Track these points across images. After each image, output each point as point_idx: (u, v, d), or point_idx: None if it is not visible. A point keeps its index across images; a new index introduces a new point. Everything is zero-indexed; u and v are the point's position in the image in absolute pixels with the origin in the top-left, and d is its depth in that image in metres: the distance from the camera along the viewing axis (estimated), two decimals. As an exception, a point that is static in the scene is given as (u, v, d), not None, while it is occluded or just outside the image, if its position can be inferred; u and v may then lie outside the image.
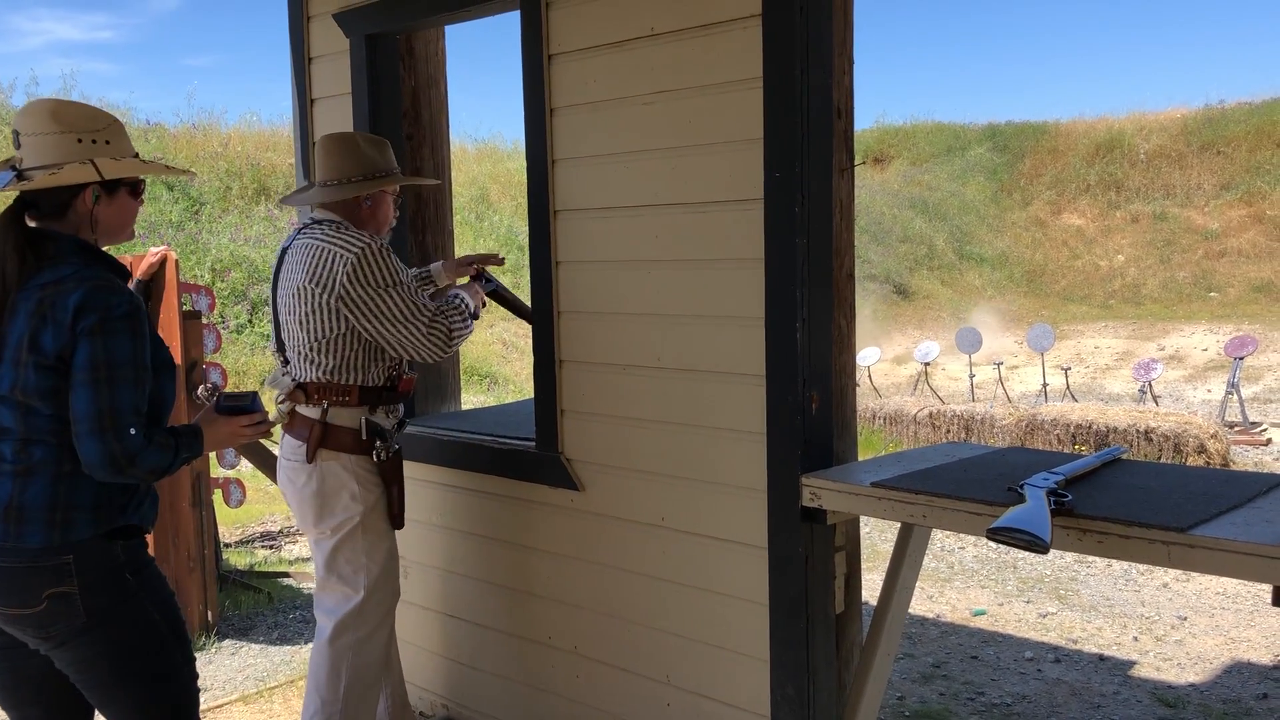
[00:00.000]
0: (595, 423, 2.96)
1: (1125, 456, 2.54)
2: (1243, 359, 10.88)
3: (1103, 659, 4.35)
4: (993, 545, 5.92)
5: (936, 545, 6.14)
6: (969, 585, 5.43)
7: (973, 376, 12.69)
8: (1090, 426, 8.61)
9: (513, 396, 12.13)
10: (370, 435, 2.84)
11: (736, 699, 2.71)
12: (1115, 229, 21.31)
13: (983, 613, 4.98)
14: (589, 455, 2.99)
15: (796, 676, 2.56)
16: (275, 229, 13.92)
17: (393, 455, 2.89)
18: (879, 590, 2.61)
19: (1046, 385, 12.40)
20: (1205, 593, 5.18)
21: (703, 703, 2.80)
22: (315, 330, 2.77)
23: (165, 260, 4.44)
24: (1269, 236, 19.68)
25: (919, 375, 13.00)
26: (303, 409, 2.85)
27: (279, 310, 2.88)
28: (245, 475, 5.81)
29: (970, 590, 5.35)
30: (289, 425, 2.89)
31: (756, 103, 2.48)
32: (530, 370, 3.12)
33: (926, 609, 5.04)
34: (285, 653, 4.56)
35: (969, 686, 4.05)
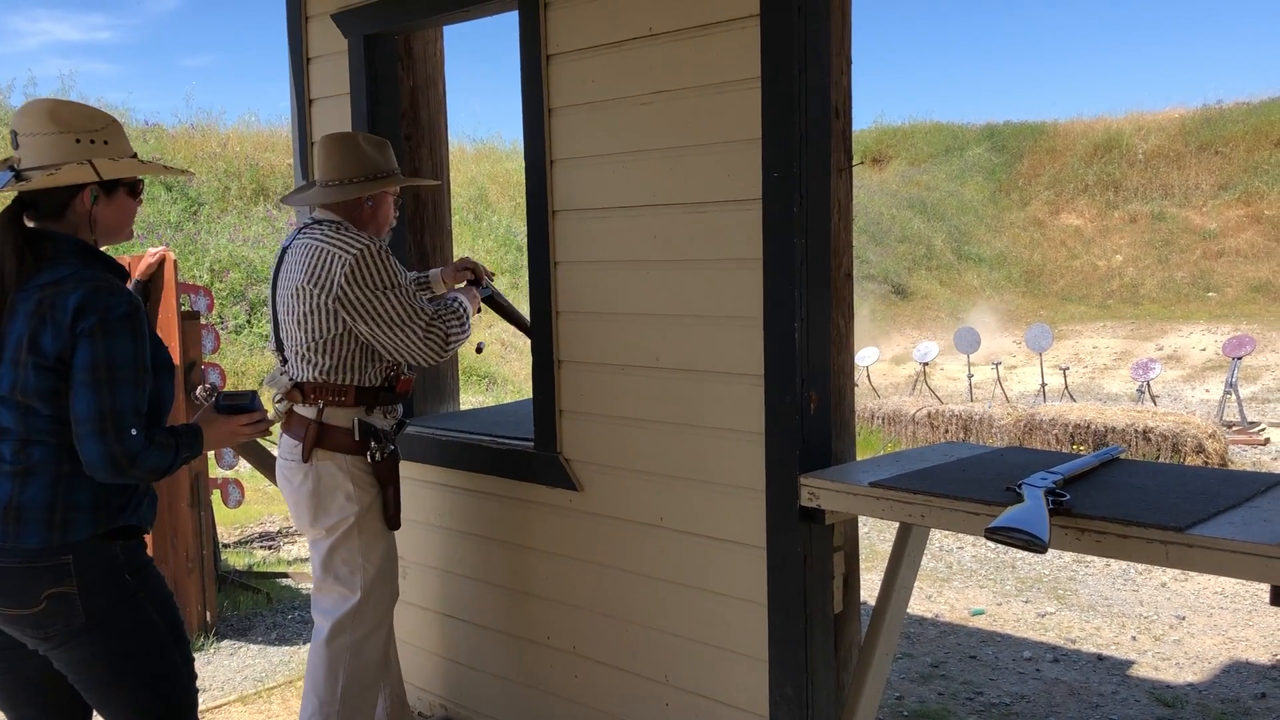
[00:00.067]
0: (594, 423, 2.96)
1: (1123, 456, 2.54)
2: (1241, 359, 10.90)
3: (1101, 659, 4.35)
4: (991, 545, 5.93)
5: (935, 545, 6.14)
6: (967, 585, 5.43)
7: (971, 376, 12.70)
8: (1088, 426, 8.62)
9: (511, 397, 12.13)
10: (364, 436, 2.84)
11: (735, 699, 2.71)
12: (1113, 229, 21.33)
13: (981, 612, 4.98)
14: (587, 455, 2.99)
15: (795, 676, 2.56)
16: (274, 229, 13.91)
17: (388, 456, 2.89)
18: (877, 590, 2.61)
19: (1045, 385, 12.41)
20: (1203, 592, 5.19)
21: (701, 703, 2.80)
22: (313, 330, 2.77)
23: (164, 260, 4.44)
24: (1267, 236, 19.70)
25: (917, 375, 13.01)
26: (300, 408, 2.85)
27: (278, 310, 2.88)
28: (244, 476, 5.81)
29: (969, 590, 5.35)
30: (286, 425, 2.89)
31: (755, 103, 2.49)
32: (529, 370, 3.12)
33: (925, 609, 5.04)
34: (284, 653, 4.56)
35: (967, 686, 4.06)
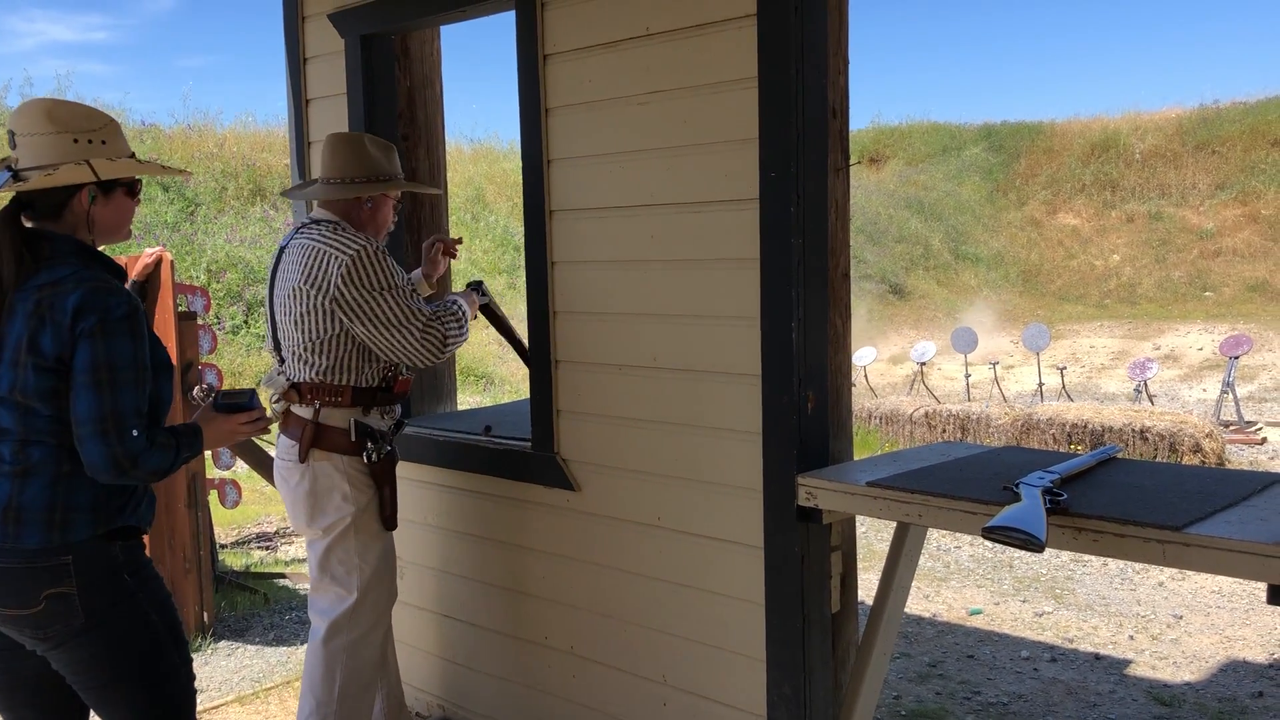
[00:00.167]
0: (591, 423, 2.96)
1: (1120, 455, 2.54)
2: (1238, 358, 10.91)
3: (1099, 658, 4.36)
4: (989, 544, 5.93)
5: (932, 544, 6.14)
6: (965, 584, 5.44)
7: (968, 376, 12.71)
8: (1086, 426, 8.63)
9: (509, 397, 12.12)
10: (360, 436, 2.83)
11: (733, 699, 2.71)
12: (1110, 229, 21.34)
13: (979, 612, 4.98)
14: (585, 455, 2.99)
15: (793, 676, 2.56)
16: (271, 230, 13.90)
17: (385, 457, 2.89)
18: (875, 590, 2.61)
19: (1042, 385, 12.42)
20: (1201, 591, 5.19)
21: (699, 702, 2.80)
22: (309, 331, 2.77)
23: (160, 261, 4.44)
24: (1264, 236, 19.72)
25: (915, 375, 13.02)
26: (296, 409, 2.85)
27: (275, 310, 2.88)
28: (241, 476, 5.80)
29: (966, 589, 5.35)
30: (283, 425, 2.89)
31: (752, 102, 2.49)
32: (526, 370, 3.12)
33: (923, 608, 5.04)
34: (281, 654, 4.56)
35: (965, 686, 4.06)
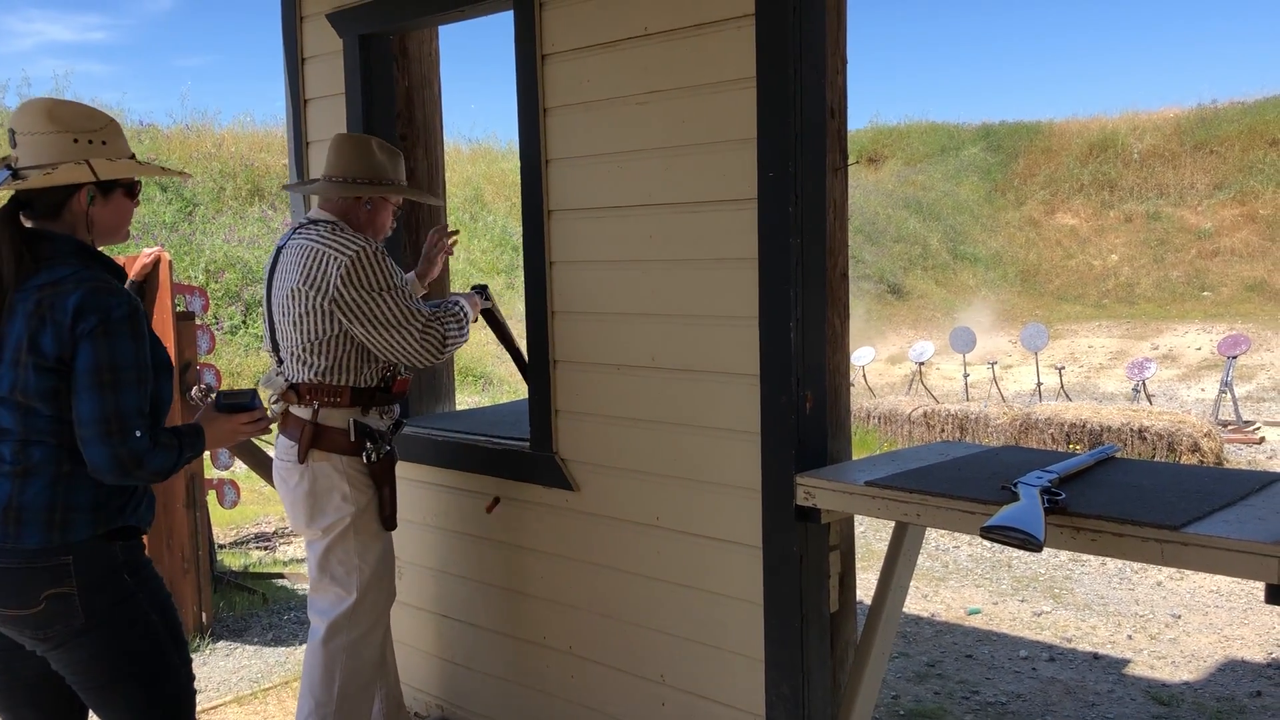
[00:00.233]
0: (590, 423, 2.96)
1: (1118, 455, 2.54)
2: (1236, 358, 10.91)
3: (1097, 657, 4.36)
4: (987, 544, 5.93)
5: (931, 544, 6.14)
6: (963, 584, 5.44)
7: (967, 376, 12.72)
8: (1084, 425, 8.63)
9: (507, 397, 12.12)
10: (360, 436, 2.83)
11: (731, 698, 2.71)
12: (1109, 228, 21.35)
13: (977, 611, 4.99)
14: (583, 455, 2.99)
15: (791, 676, 2.56)
16: (269, 230, 13.89)
17: (384, 457, 2.89)
18: (873, 589, 2.61)
19: (1041, 384, 12.42)
20: (1199, 591, 5.19)
21: (698, 702, 2.80)
22: (308, 331, 2.77)
23: (159, 261, 4.43)
24: (1262, 236, 19.73)
25: (913, 375, 13.02)
26: (295, 409, 2.85)
27: (273, 311, 2.87)
28: (239, 476, 5.80)
29: (965, 589, 5.35)
30: (282, 425, 2.89)
31: (750, 102, 2.49)
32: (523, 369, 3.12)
33: (921, 608, 5.04)
34: (280, 654, 4.55)
35: (964, 685, 4.06)
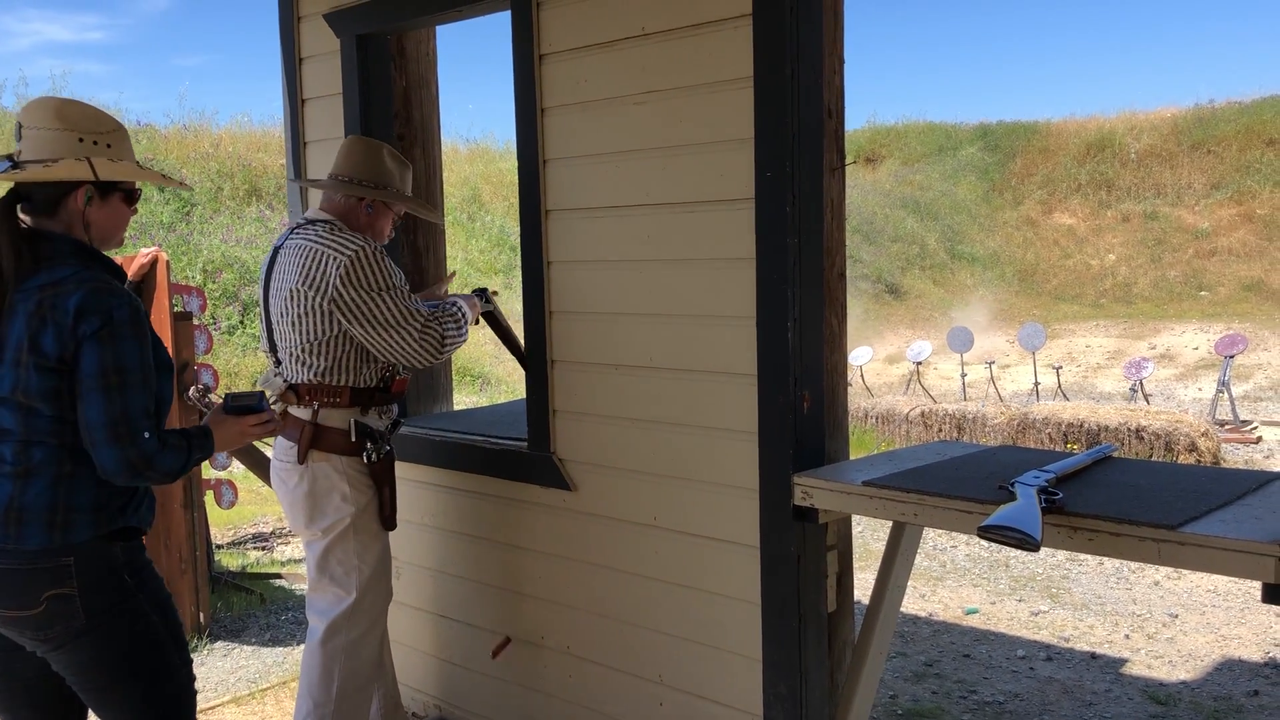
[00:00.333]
0: (587, 423, 2.96)
1: (1115, 454, 2.54)
2: (1233, 357, 10.93)
3: (1095, 657, 4.36)
4: (985, 544, 5.94)
5: (929, 544, 6.15)
6: (961, 584, 5.44)
7: (964, 376, 12.72)
8: (1082, 425, 8.64)
9: (505, 397, 12.12)
10: (360, 436, 2.83)
11: (729, 698, 2.72)
12: (1106, 228, 21.37)
13: (975, 611, 4.99)
14: (581, 455, 2.99)
15: (789, 676, 2.56)
16: (267, 230, 13.88)
17: (384, 457, 2.89)
18: (871, 589, 2.61)
19: (1038, 384, 12.43)
20: (1196, 590, 5.20)
21: (696, 702, 2.80)
22: (307, 332, 2.76)
23: (156, 261, 4.43)
24: (1259, 235, 19.75)
25: (911, 374, 13.03)
26: (294, 410, 2.85)
27: (271, 311, 2.87)
28: (237, 477, 5.80)
29: (962, 589, 5.36)
30: (281, 426, 2.89)
31: (747, 102, 2.49)
32: (522, 371, 3.12)
33: (919, 608, 5.04)
34: (277, 654, 4.55)
35: (961, 685, 4.06)
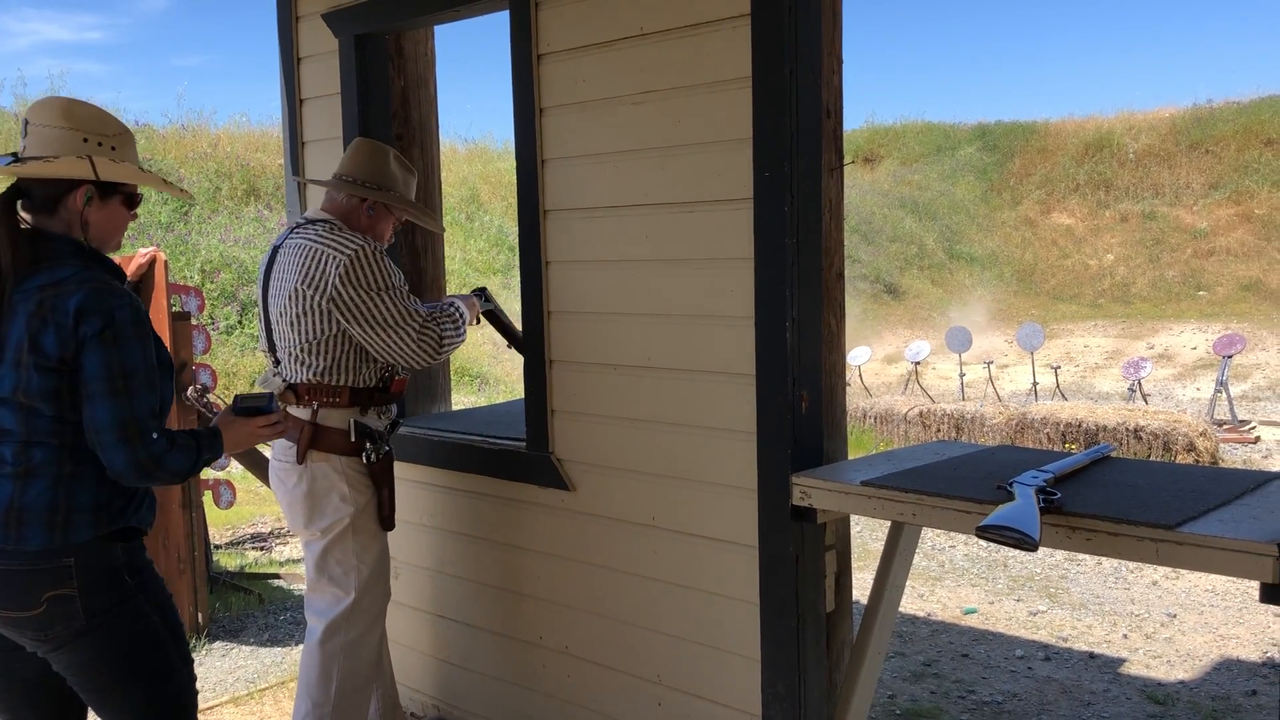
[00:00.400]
0: (586, 423, 2.96)
1: (1114, 454, 2.55)
2: (1231, 357, 10.93)
3: (1093, 657, 4.36)
4: (983, 543, 5.94)
5: (927, 544, 6.15)
6: (959, 584, 5.44)
7: (963, 375, 12.73)
8: (1080, 425, 8.64)
9: (503, 397, 12.11)
10: (359, 437, 2.83)
11: (728, 698, 2.72)
12: (1104, 228, 21.38)
13: (973, 611, 4.99)
14: (579, 455, 2.99)
15: (787, 675, 2.56)
16: (265, 230, 13.87)
17: (383, 457, 2.89)
18: (869, 589, 2.61)
19: (1036, 384, 12.43)
20: (1194, 590, 5.20)
21: (694, 702, 2.80)
22: (306, 332, 2.76)
23: (154, 261, 4.43)
24: (1257, 235, 19.77)
25: (909, 374, 13.03)
26: (293, 410, 2.85)
27: (270, 311, 2.87)
28: (235, 477, 5.80)
29: (961, 589, 5.36)
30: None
31: (746, 102, 2.49)
32: (520, 370, 3.12)
33: (917, 607, 5.05)
34: (276, 654, 4.55)
35: (960, 685, 4.06)
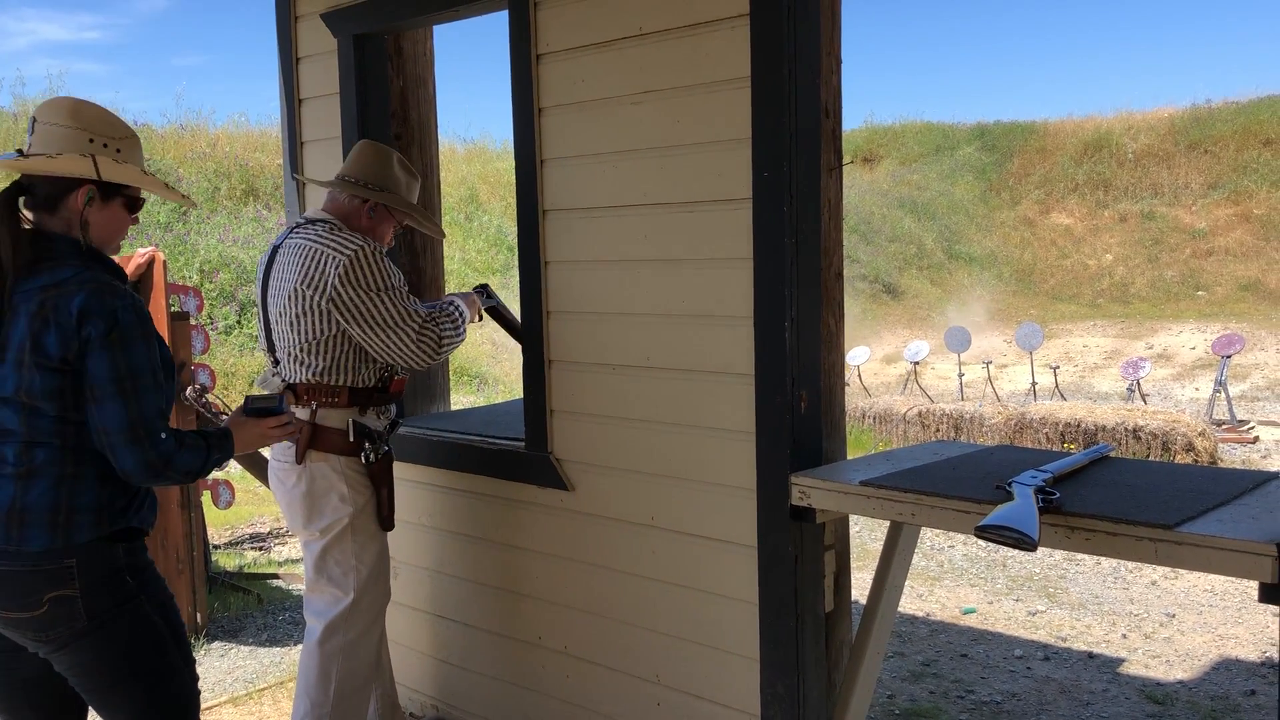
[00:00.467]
0: (585, 423, 2.96)
1: (1113, 454, 2.55)
2: (1230, 357, 10.94)
3: (1092, 656, 4.37)
4: (982, 543, 5.94)
5: (926, 544, 6.15)
6: (958, 583, 5.45)
7: (962, 375, 12.73)
8: (1079, 425, 8.64)
9: (502, 397, 12.11)
10: (359, 437, 2.83)
11: (727, 698, 2.71)
12: (1103, 228, 21.39)
13: (972, 611, 4.99)
14: (578, 455, 2.99)
15: (786, 675, 2.56)
16: (264, 229, 13.87)
17: (382, 457, 2.89)
18: (868, 589, 2.61)
19: (1035, 384, 12.44)
20: (1193, 590, 5.20)
21: (693, 702, 2.80)
22: (306, 332, 2.76)
23: (153, 261, 4.43)
24: (1256, 235, 19.78)
25: (908, 374, 13.03)
26: (293, 410, 2.85)
27: (269, 311, 2.87)
28: (234, 477, 5.80)
29: (960, 588, 5.36)
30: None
31: (744, 102, 2.49)
32: (519, 370, 3.12)
33: (916, 607, 5.05)
34: (274, 654, 4.55)
35: (959, 685, 4.06)
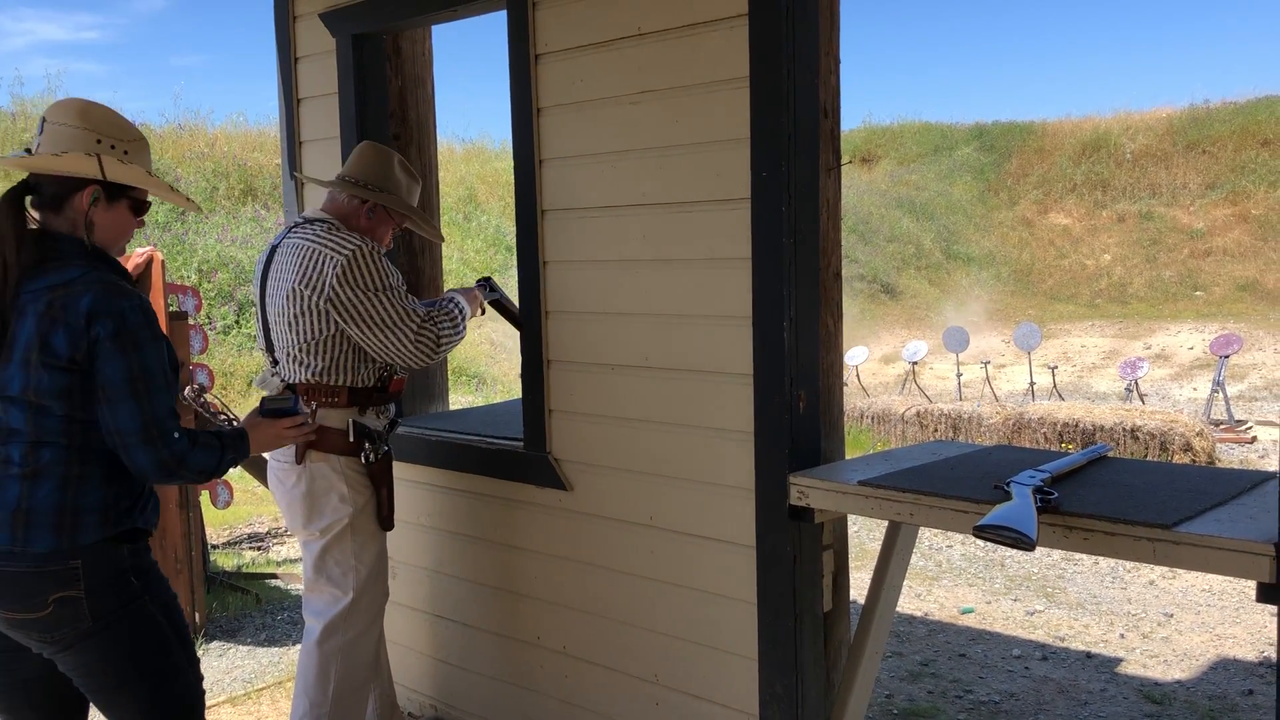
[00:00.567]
0: (583, 422, 2.96)
1: (1111, 454, 2.55)
2: (1228, 357, 10.95)
3: (1090, 656, 4.37)
4: (980, 543, 5.94)
5: (924, 543, 6.16)
6: (957, 583, 5.45)
7: (960, 375, 12.73)
8: (1077, 425, 8.65)
9: (501, 397, 12.11)
10: (358, 437, 2.83)
11: (725, 698, 2.72)
12: (1102, 228, 21.41)
13: (971, 611, 5.00)
14: (577, 455, 2.99)
15: (785, 675, 2.56)
16: (262, 229, 13.86)
17: (382, 457, 2.89)
18: (867, 589, 2.61)
19: (1033, 384, 12.45)
20: (1191, 590, 5.21)
21: (692, 702, 2.80)
22: (304, 332, 2.76)
23: (151, 261, 4.42)
24: (1254, 235, 19.80)
25: (906, 374, 13.04)
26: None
27: (268, 311, 2.87)
28: (233, 477, 5.79)
29: (958, 588, 5.36)
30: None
31: (743, 102, 2.49)
32: (518, 370, 3.12)
33: (914, 607, 5.05)
34: (273, 654, 4.55)
35: (957, 684, 4.07)
